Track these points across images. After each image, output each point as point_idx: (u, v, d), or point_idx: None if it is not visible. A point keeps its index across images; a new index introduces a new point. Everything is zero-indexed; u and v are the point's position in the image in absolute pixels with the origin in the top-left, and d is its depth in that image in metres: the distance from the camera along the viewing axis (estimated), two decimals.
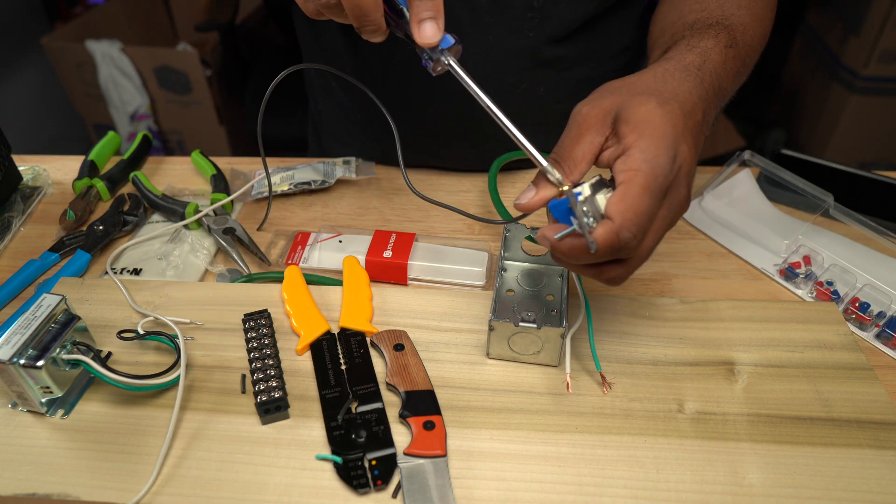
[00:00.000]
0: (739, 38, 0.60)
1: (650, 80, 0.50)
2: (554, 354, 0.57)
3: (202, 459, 0.51)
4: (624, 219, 0.43)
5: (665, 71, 0.52)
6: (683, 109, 0.48)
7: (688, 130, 0.48)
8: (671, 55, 0.55)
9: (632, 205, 0.44)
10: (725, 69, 0.56)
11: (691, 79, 0.51)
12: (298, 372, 0.58)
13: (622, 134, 0.46)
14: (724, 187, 0.80)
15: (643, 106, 0.46)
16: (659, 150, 0.45)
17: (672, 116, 0.47)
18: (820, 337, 0.60)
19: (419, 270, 0.69)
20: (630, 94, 0.48)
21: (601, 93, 0.50)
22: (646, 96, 0.47)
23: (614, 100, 0.48)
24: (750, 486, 0.49)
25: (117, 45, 2.11)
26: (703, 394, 0.55)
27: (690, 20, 0.62)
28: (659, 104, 0.47)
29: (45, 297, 0.55)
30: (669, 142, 0.45)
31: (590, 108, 0.48)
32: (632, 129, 0.46)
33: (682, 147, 0.46)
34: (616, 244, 0.44)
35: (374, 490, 0.49)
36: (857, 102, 2.06)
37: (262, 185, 0.82)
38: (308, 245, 0.73)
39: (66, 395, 0.55)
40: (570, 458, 0.51)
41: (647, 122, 0.46)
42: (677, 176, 0.46)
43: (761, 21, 0.65)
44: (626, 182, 0.45)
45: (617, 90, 0.49)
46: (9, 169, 0.82)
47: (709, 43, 0.56)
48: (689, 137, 0.48)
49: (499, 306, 0.58)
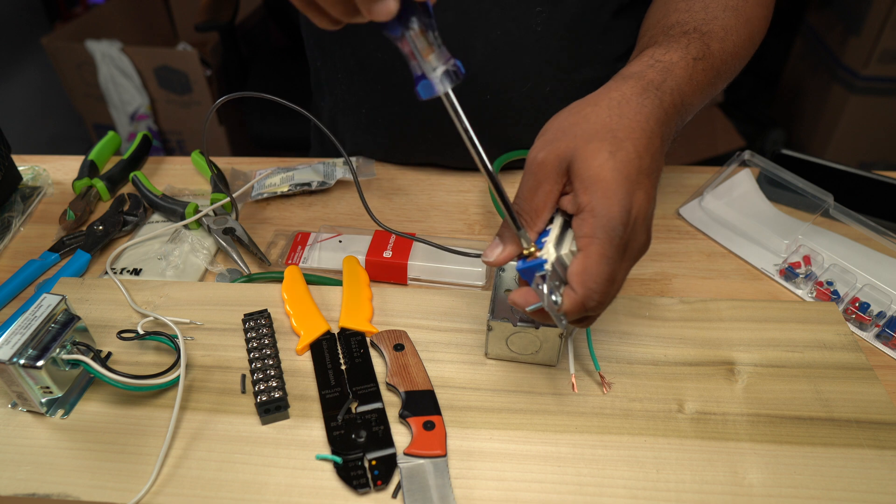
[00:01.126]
0: (715, 46, 0.59)
1: (605, 114, 0.48)
2: (552, 354, 0.57)
3: (202, 459, 0.51)
4: (586, 289, 0.45)
5: (622, 98, 0.50)
6: (638, 149, 0.47)
7: (643, 173, 0.47)
8: (632, 71, 0.54)
9: (592, 274, 0.45)
10: (691, 84, 0.55)
11: (649, 102, 0.50)
12: (298, 372, 0.58)
13: (576, 190, 0.46)
14: (724, 187, 0.80)
15: (594, 159, 0.45)
16: (612, 211, 0.45)
17: (626, 165, 0.46)
18: (820, 337, 0.60)
19: (419, 270, 0.69)
20: (583, 139, 0.47)
21: (555, 134, 0.48)
22: (597, 143, 0.46)
23: (567, 145, 0.47)
24: (750, 486, 0.49)
25: (117, 45, 2.11)
26: (703, 394, 0.55)
27: (671, 22, 0.61)
28: (611, 153, 0.46)
29: (45, 297, 0.55)
30: (623, 198, 0.45)
31: (545, 156, 0.47)
32: (584, 187, 0.46)
33: (637, 195, 0.46)
34: (583, 311, 0.46)
35: (374, 490, 0.49)
36: (857, 102, 2.07)
37: (262, 185, 0.82)
38: (308, 245, 0.73)
39: (66, 395, 0.55)
40: (570, 458, 0.51)
41: (599, 180, 0.45)
42: (634, 226, 0.46)
43: (749, 23, 0.63)
44: (583, 249, 0.45)
45: (570, 132, 0.48)
46: (9, 169, 0.82)
47: (674, 56, 0.55)
48: (644, 181, 0.47)
49: (497, 306, 0.58)
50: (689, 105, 0.55)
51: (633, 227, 0.46)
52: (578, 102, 0.51)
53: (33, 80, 2.30)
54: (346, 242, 0.72)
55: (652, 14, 0.68)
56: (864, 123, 2.09)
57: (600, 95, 0.51)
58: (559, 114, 0.51)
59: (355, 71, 0.83)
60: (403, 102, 0.81)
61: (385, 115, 0.84)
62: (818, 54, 2.24)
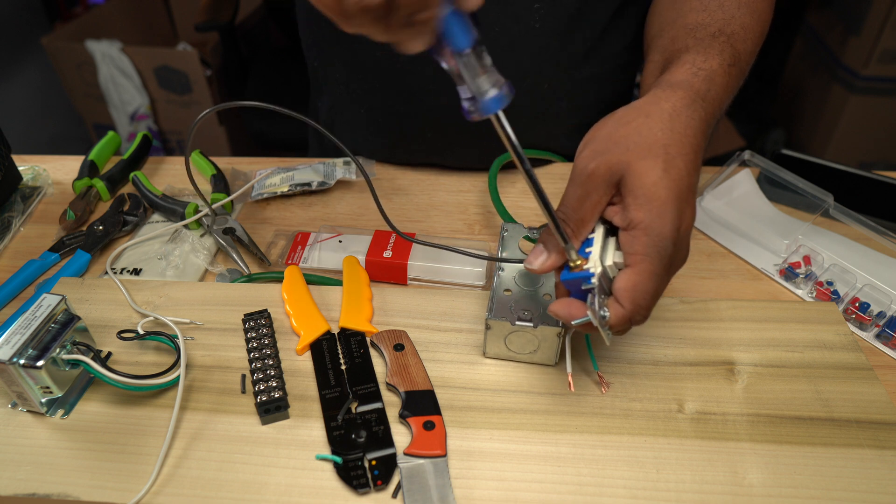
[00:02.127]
0: (740, 47, 0.59)
1: (657, 127, 0.48)
2: (550, 354, 0.57)
3: (202, 459, 0.51)
4: (635, 305, 0.45)
5: (674, 110, 0.49)
6: (688, 166, 0.47)
7: (690, 189, 0.47)
8: (679, 79, 0.53)
9: (641, 291, 0.45)
10: (727, 90, 0.55)
11: (697, 115, 0.50)
12: (298, 372, 0.58)
13: (628, 205, 0.46)
14: (724, 187, 0.80)
15: (648, 176, 0.45)
16: (665, 230, 0.45)
17: (679, 181, 0.46)
18: (820, 337, 0.60)
19: (419, 270, 0.69)
20: (636, 154, 0.46)
21: (606, 144, 0.48)
22: (651, 160, 0.46)
23: (620, 158, 0.46)
24: (750, 486, 0.49)
25: (117, 45, 2.11)
26: (703, 394, 0.55)
27: (691, 22, 0.61)
28: (665, 171, 0.46)
29: (45, 297, 0.55)
30: (674, 216, 0.45)
31: (595, 166, 0.47)
32: (638, 204, 0.45)
33: (686, 212, 0.46)
34: (628, 326, 0.47)
35: (374, 490, 0.49)
36: (857, 102, 2.06)
37: (262, 185, 0.82)
38: (308, 245, 0.73)
39: (66, 395, 0.55)
40: (569, 458, 0.51)
41: (655, 198, 0.45)
42: (680, 242, 0.47)
43: (761, 19, 0.63)
44: (632, 266, 0.46)
45: (623, 143, 0.47)
46: (9, 169, 0.82)
47: (714, 63, 0.55)
48: (691, 197, 0.47)
49: (496, 305, 0.58)
50: (723, 111, 0.56)
51: (679, 244, 0.47)
52: (627, 110, 0.50)
53: (33, 80, 2.30)
54: (346, 242, 0.72)
55: (663, 11, 0.67)
56: (864, 123, 2.09)
57: (651, 105, 0.50)
58: (606, 121, 0.50)
59: (353, 71, 0.83)
60: (402, 103, 0.81)
61: (384, 115, 0.84)
62: (818, 54, 2.24)
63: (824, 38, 2.21)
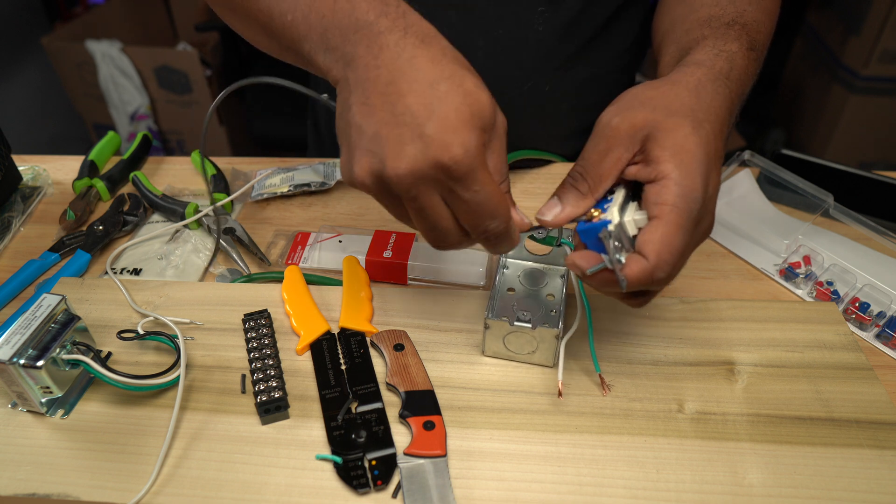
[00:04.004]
0: (755, 36, 0.58)
1: (685, 94, 0.48)
2: (549, 355, 0.57)
3: (202, 459, 0.51)
4: (659, 259, 0.43)
5: (699, 83, 0.49)
6: (715, 131, 0.46)
7: (718, 155, 0.46)
8: (701, 59, 0.52)
9: (667, 244, 0.43)
10: (748, 73, 0.55)
11: (722, 90, 0.49)
12: (298, 372, 0.58)
13: (656, 158, 0.45)
14: (724, 187, 0.79)
15: (678, 131, 0.44)
16: (695, 182, 0.43)
17: (707, 143, 0.45)
18: (820, 337, 0.60)
19: (419, 270, 0.69)
20: (665, 113, 0.45)
21: (631, 103, 0.47)
22: (680, 118, 0.45)
23: (647, 116, 0.45)
24: (750, 486, 0.49)
25: (117, 45, 2.11)
26: (703, 394, 0.55)
27: (704, 16, 0.60)
28: (694, 129, 0.45)
29: (45, 297, 0.55)
30: (704, 172, 0.44)
31: (620, 121, 0.46)
32: (668, 156, 0.44)
33: (713, 175, 0.45)
34: (649, 282, 0.44)
35: (374, 490, 0.49)
36: (857, 102, 2.06)
37: (262, 185, 0.82)
38: (308, 245, 0.73)
39: (66, 395, 0.55)
40: (569, 458, 0.51)
41: (684, 150, 0.44)
42: (707, 205, 0.46)
43: (771, 16, 0.63)
44: (660, 217, 0.43)
45: (650, 104, 0.46)
46: (9, 169, 0.82)
47: (733, 46, 0.54)
48: (718, 162, 0.46)
49: (498, 304, 0.58)
50: (745, 95, 0.55)
51: (706, 205, 0.45)
52: (654, 81, 0.50)
53: (33, 80, 2.30)
54: (346, 242, 0.72)
55: (673, 8, 0.66)
56: (864, 123, 2.09)
57: (676, 77, 0.49)
58: (633, 88, 0.49)
59: None
60: None
61: None
62: (818, 54, 2.24)
63: (824, 38, 2.21)
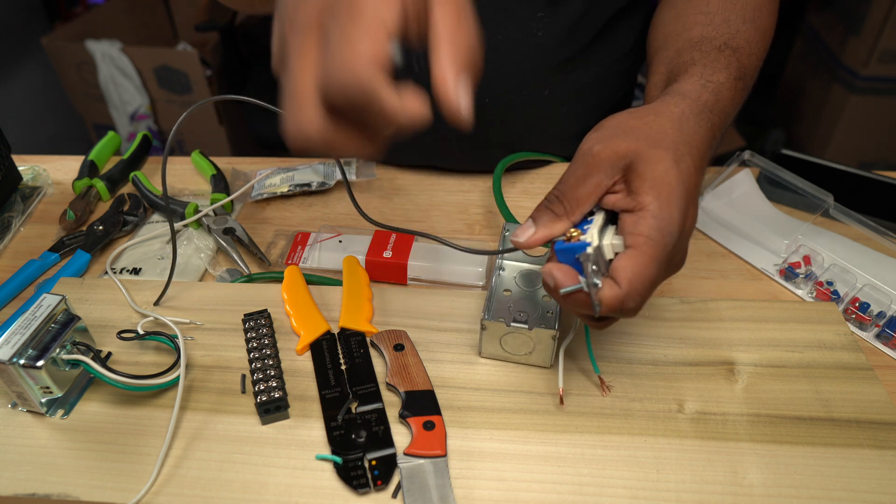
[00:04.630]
0: (746, 62, 0.58)
1: (668, 126, 0.48)
2: (545, 356, 0.57)
3: (202, 459, 0.51)
4: (631, 288, 0.44)
5: (682, 115, 0.49)
6: (695, 165, 0.47)
7: (696, 189, 0.47)
8: (686, 90, 0.53)
9: (640, 274, 0.44)
10: (733, 104, 0.55)
11: (705, 124, 0.50)
12: (298, 372, 0.58)
13: (636, 189, 0.45)
14: (724, 187, 0.80)
15: (660, 164, 0.45)
16: (673, 216, 0.44)
17: (687, 177, 0.46)
18: (820, 337, 0.60)
19: (419, 270, 0.69)
20: (647, 143, 0.46)
21: (615, 131, 0.47)
22: (662, 150, 0.46)
23: (629, 146, 0.46)
24: (750, 486, 0.49)
25: (117, 45, 2.10)
26: (703, 394, 0.55)
27: (696, 36, 0.60)
28: (675, 163, 0.45)
29: (45, 298, 0.55)
30: (682, 207, 0.45)
31: (602, 148, 0.46)
32: (648, 188, 0.45)
33: (691, 210, 0.46)
34: (619, 310, 0.45)
35: (374, 490, 0.49)
36: (857, 102, 2.06)
37: (262, 185, 0.82)
38: (308, 245, 0.73)
39: (66, 395, 0.55)
40: (569, 458, 0.51)
41: (664, 183, 0.44)
42: (682, 240, 0.46)
43: (765, 36, 0.63)
44: (636, 247, 0.44)
45: (632, 133, 0.47)
46: (9, 169, 0.82)
47: (721, 76, 0.55)
48: (695, 198, 0.47)
49: (494, 305, 0.58)
50: (728, 124, 0.55)
51: (681, 240, 0.46)
52: (637, 109, 0.50)
53: (33, 80, 2.30)
54: (346, 242, 0.72)
55: (667, 24, 0.67)
56: (864, 123, 2.09)
57: (660, 109, 0.50)
58: (616, 115, 0.50)
59: None
60: None
61: None
62: (818, 54, 2.24)
63: (824, 38, 2.21)
